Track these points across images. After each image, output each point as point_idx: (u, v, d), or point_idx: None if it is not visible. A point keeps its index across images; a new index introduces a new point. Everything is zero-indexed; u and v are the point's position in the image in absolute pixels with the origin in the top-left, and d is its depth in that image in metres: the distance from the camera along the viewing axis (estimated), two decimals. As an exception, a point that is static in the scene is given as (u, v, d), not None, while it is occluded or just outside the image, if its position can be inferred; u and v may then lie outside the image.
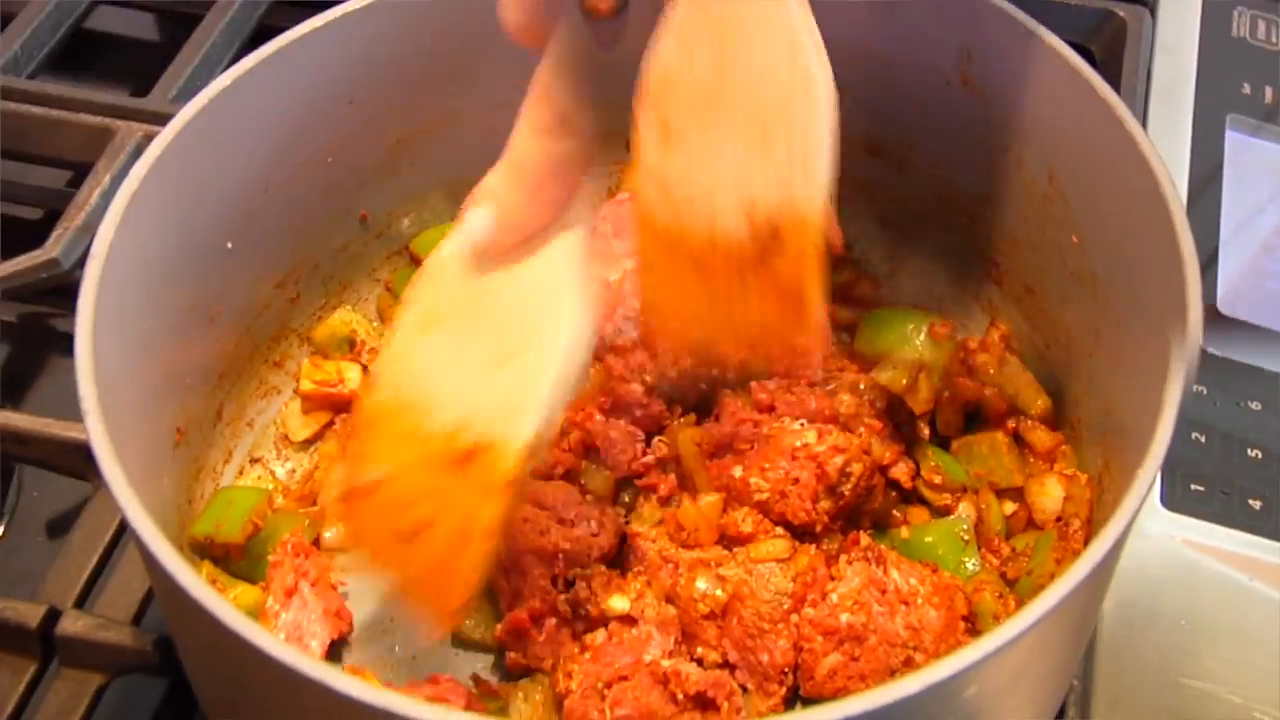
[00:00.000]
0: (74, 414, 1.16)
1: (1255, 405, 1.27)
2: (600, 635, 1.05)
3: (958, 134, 1.24)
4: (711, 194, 0.93)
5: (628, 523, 1.13)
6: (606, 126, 0.94)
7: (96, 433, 0.89)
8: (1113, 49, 1.55)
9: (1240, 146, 1.46)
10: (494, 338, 0.92)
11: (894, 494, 1.14)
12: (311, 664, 0.79)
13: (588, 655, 1.05)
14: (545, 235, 0.95)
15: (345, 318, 1.29)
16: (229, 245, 1.15)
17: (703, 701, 1.00)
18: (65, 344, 1.52)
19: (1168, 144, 1.44)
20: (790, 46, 0.93)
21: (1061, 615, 0.85)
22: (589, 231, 0.95)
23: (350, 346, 1.28)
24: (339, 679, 0.78)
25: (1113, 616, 1.12)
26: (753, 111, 0.93)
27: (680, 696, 1.00)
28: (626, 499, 1.16)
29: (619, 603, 1.07)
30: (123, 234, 0.99)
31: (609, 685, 1.02)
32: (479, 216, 0.94)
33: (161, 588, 0.97)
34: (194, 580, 0.82)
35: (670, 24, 0.93)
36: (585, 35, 0.93)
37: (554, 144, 0.91)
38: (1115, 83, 1.48)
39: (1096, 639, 1.10)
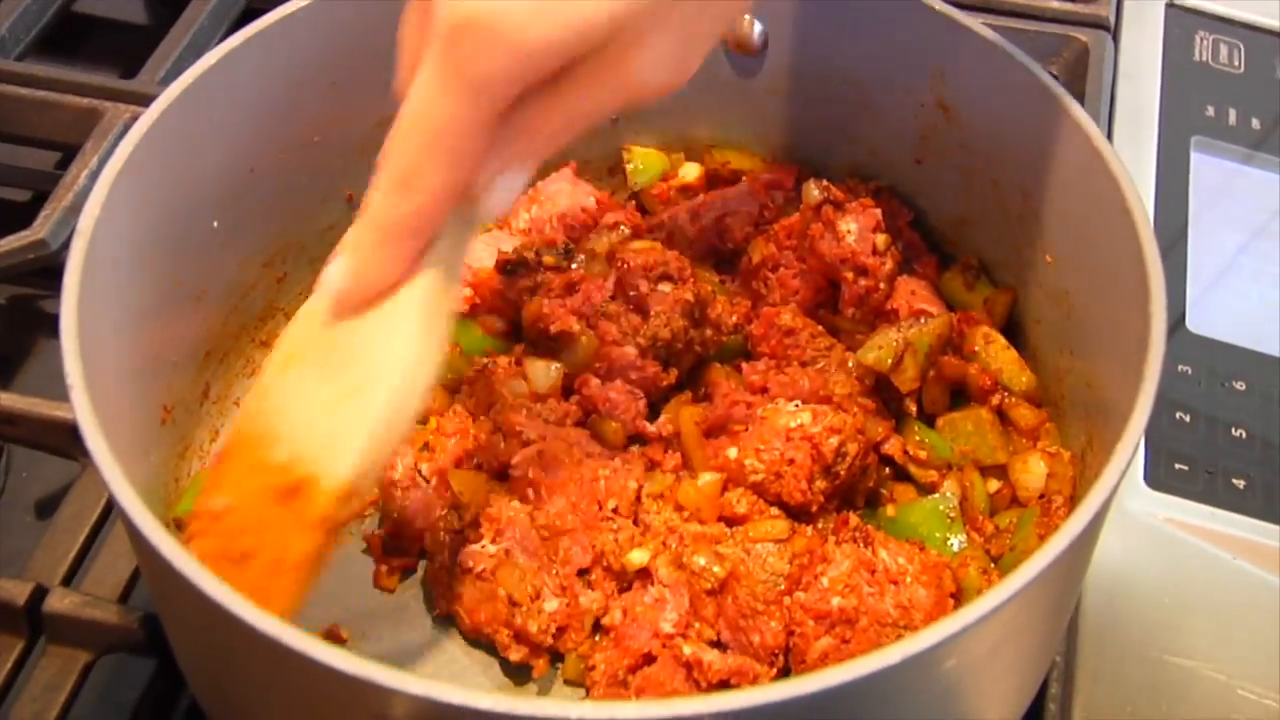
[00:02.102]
0: (62, 394, 1.17)
1: (1239, 385, 1.29)
2: (617, 614, 1.07)
3: (935, 158, 1.27)
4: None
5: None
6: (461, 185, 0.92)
7: (82, 409, 0.90)
8: (1075, 72, 1.56)
9: (1205, 168, 1.47)
10: (338, 376, 0.95)
11: (887, 470, 1.16)
12: (297, 636, 0.80)
13: (608, 639, 1.07)
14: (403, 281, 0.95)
15: (332, 298, 1.30)
16: (215, 225, 1.16)
17: (726, 688, 1.01)
18: (53, 325, 1.50)
19: (1134, 166, 1.43)
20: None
21: (1041, 588, 0.86)
22: (445, 276, 0.96)
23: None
24: (324, 651, 0.79)
25: (1096, 593, 1.13)
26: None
27: (704, 684, 1.02)
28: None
29: (639, 556, 1.08)
30: (108, 212, 1.00)
31: (632, 670, 1.04)
32: (337, 269, 0.94)
33: (147, 563, 0.98)
34: (179, 555, 0.83)
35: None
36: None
37: (406, 201, 0.91)
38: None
39: (1079, 616, 1.12)
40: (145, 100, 1.53)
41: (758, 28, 1.28)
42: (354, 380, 0.94)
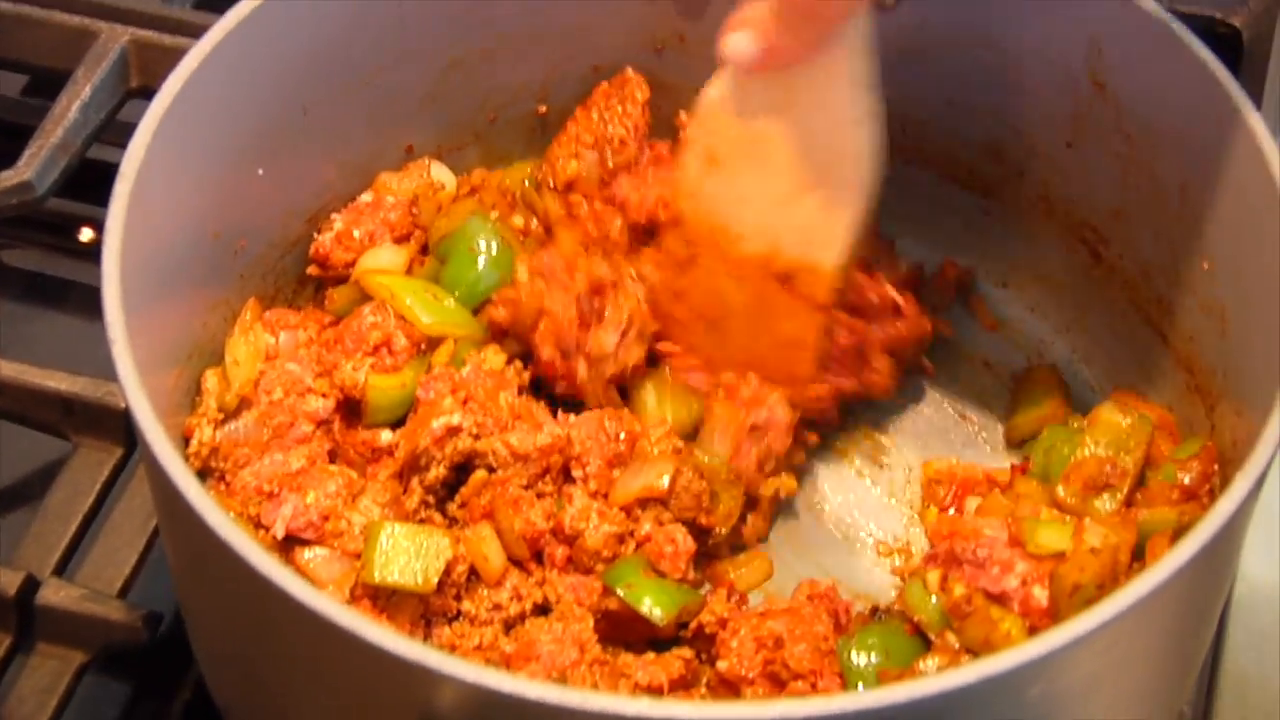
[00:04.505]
0: (48, 362, 1.55)
1: None
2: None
3: (1088, 142, 1.60)
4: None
5: None
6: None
7: (128, 374, 1.24)
8: (1262, 25, 1.83)
9: None
10: (784, 174, 1.49)
11: None
12: (344, 612, 1.13)
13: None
14: (812, 66, 1.42)
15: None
16: (260, 172, 1.52)
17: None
18: (22, 283, 1.90)
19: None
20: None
21: (1147, 615, 1.18)
22: (859, 48, 1.42)
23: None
24: (374, 630, 1.12)
25: (1242, 646, 1.42)
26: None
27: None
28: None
29: None
30: (152, 154, 1.34)
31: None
32: (742, 43, 1.40)
33: (185, 544, 1.31)
34: (236, 532, 1.16)
35: None
36: None
37: None
38: (1263, 68, 1.79)
39: (1219, 669, 1.41)
40: (147, 20, 1.89)
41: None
42: (806, 175, 1.48)
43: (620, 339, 1.61)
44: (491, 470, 1.50)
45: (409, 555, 1.41)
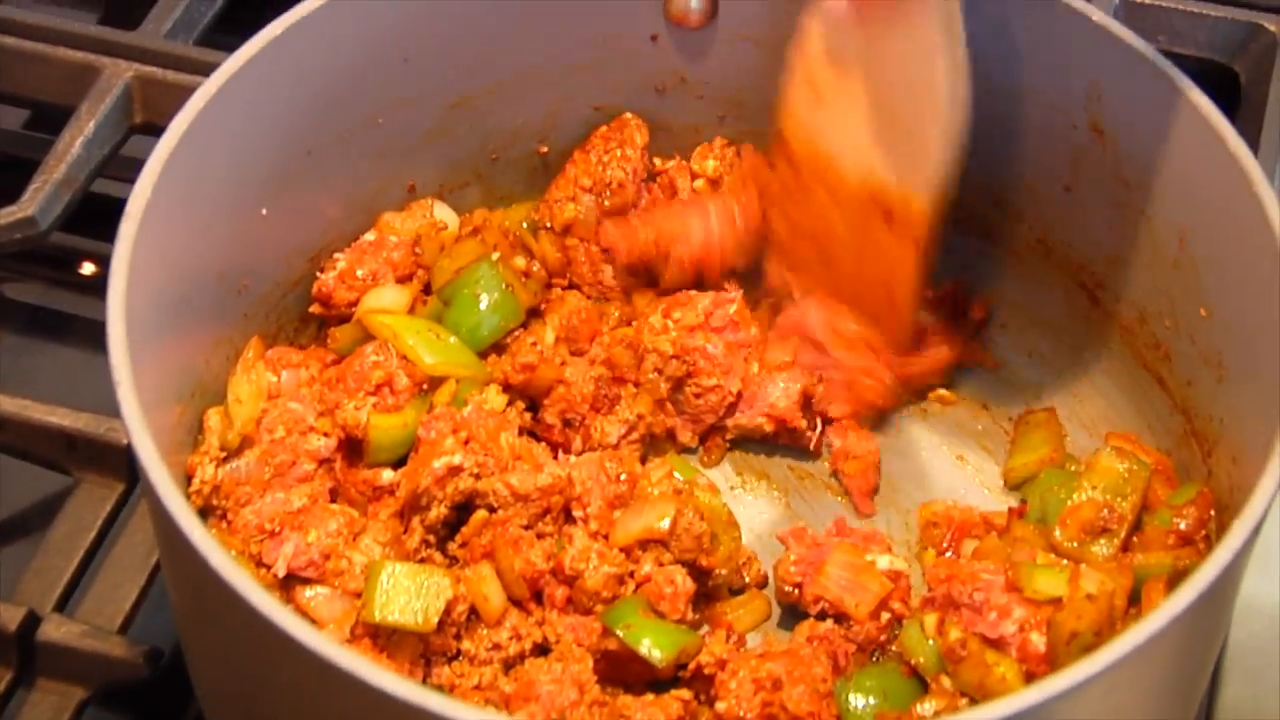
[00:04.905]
0: (47, 397, 1.56)
1: None
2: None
3: (1086, 186, 1.63)
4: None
5: None
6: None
7: (132, 413, 1.25)
8: (1260, 69, 1.85)
9: None
10: (878, 111, 1.56)
11: None
12: (347, 655, 1.14)
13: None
14: (902, 14, 1.49)
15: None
16: (264, 212, 1.54)
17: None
18: (24, 316, 1.91)
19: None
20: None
21: (1141, 664, 1.19)
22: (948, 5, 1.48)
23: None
24: (378, 675, 1.13)
25: (1237, 679, 1.45)
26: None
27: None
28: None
29: None
30: (158, 195, 1.36)
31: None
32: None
33: (187, 582, 1.32)
34: (237, 572, 1.17)
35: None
36: None
37: None
38: (1260, 111, 1.81)
39: (1215, 707, 1.44)
40: (149, 56, 1.91)
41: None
42: (899, 106, 1.54)
43: (623, 437, 1.64)
44: (492, 510, 1.51)
45: (409, 595, 1.42)
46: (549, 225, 1.73)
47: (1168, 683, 1.33)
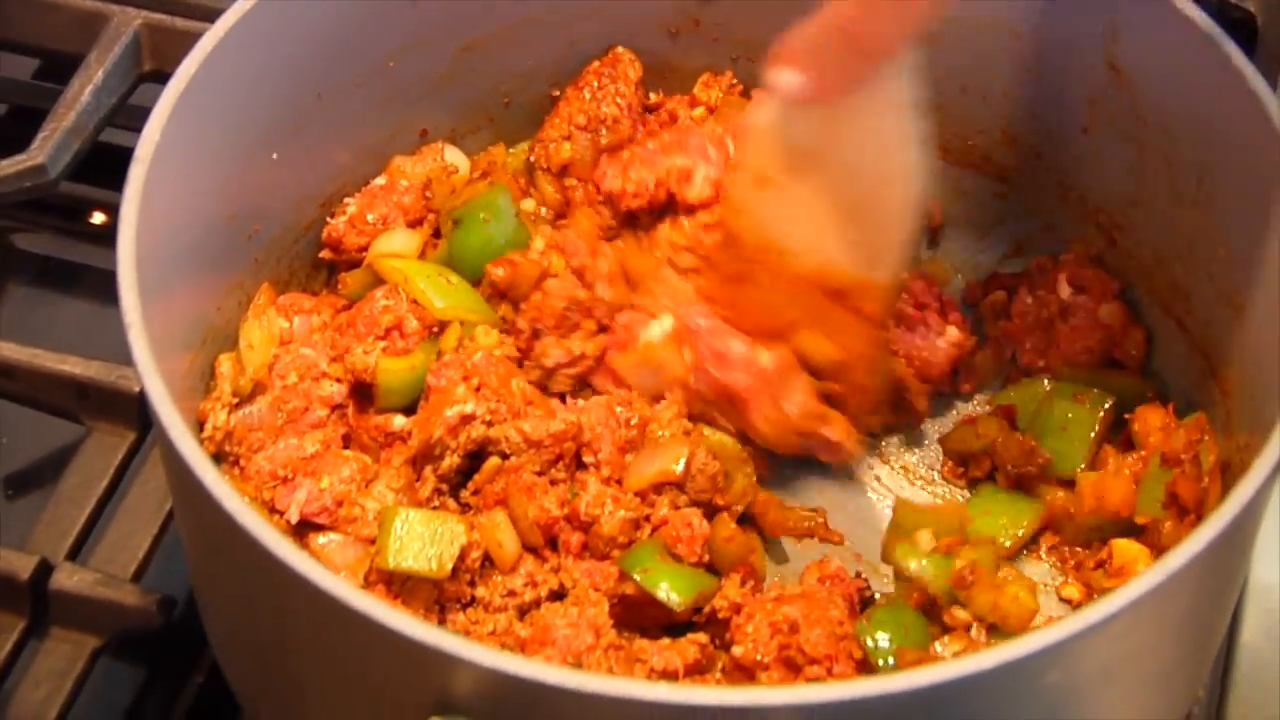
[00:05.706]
0: (58, 345, 1.56)
1: None
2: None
3: (1103, 127, 1.61)
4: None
5: None
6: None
7: (144, 359, 1.25)
8: (1277, 11, 1.85)
9: None
10: (834, 195, 1.50)
11: None
12: (361, 596, 1.14)
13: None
14: (860, 94, 1.40)
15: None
16: (274, 156, 1.53)
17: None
18: (35, 267, 1.91)
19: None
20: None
21: (1163, 603, 1.19)
22: (906, 79, 1.41)
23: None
24: (390, 614, 1.13)
25: (1257, 632, 1.44)
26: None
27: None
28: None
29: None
30: (167, 138, 1.35)
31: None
32: (793, 78, 1.37)
33: (200, 526, 1.32)
34: (251, 516, 1.17)
35: None
36: None
37: (891, 14, 1.31)
38: (1277, 52, 1.82)
39: (1234, 657, 1.43)
40: (158, 3, 1.90)
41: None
42: (857, 196, 1.49)
43: (560, 365, 1.61)
44: (505, 457, 1.50)
45: (423, 541, 1.41)
46: (546, 166, 1.72)
47: (1186, 624, 1.32)
